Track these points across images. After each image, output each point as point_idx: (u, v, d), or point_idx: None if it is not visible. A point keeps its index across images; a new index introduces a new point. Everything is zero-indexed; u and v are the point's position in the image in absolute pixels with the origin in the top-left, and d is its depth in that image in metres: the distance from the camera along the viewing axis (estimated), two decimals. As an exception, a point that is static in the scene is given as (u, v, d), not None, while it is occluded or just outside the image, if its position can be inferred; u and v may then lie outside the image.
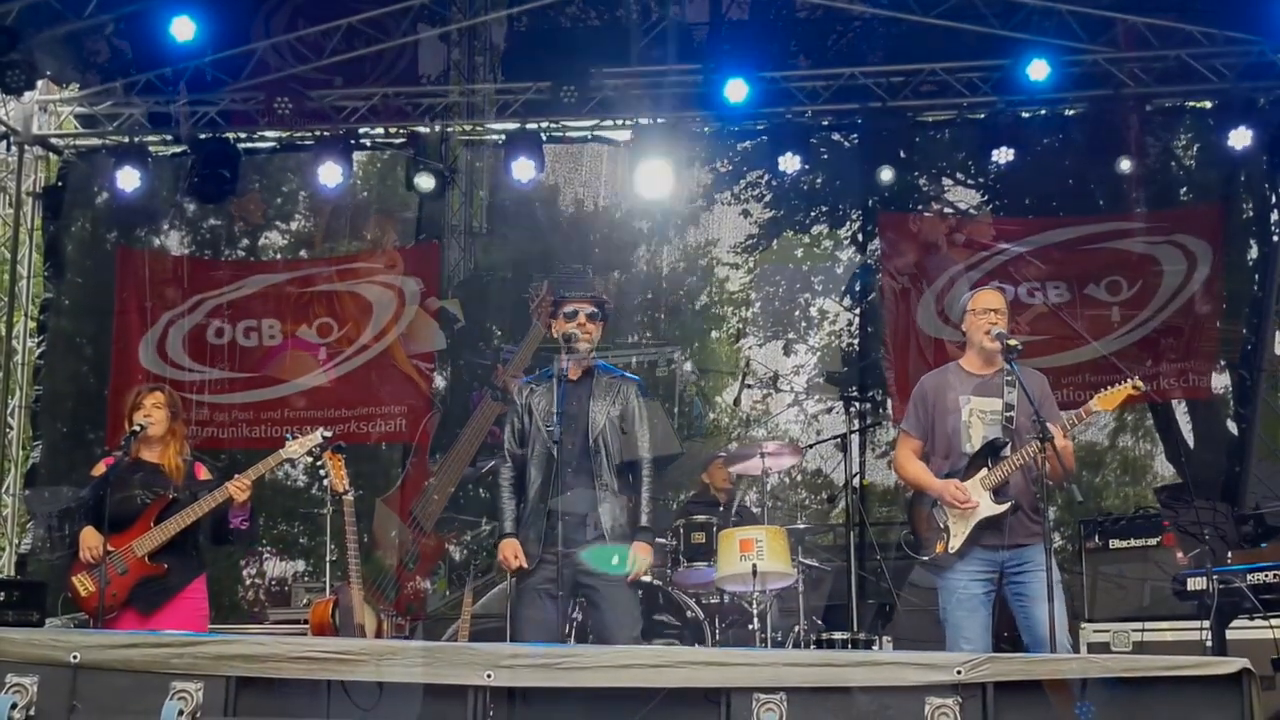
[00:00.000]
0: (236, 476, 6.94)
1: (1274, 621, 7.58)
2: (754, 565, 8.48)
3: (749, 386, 12.01)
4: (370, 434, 13.65)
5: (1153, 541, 9.76)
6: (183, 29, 11.55)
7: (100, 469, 7.12)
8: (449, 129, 12.94)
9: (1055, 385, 11.90)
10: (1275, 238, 14.62)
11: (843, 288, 15.62)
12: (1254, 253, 14.58)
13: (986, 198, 15.45)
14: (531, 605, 6.73)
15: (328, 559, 10.55)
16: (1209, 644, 7.46)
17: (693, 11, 12.59)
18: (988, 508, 6.64)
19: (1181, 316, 12.71)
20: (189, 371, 13.41)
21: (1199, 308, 12.75)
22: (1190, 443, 14.68)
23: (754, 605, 8.87)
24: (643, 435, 6.93)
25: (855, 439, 10.98)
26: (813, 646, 8.97)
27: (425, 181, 12.74)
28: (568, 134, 13.52)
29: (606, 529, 6.75)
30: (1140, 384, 6.83)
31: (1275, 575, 7.43)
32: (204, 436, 12.94)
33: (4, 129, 13.09)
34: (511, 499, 6.96)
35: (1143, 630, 9.34)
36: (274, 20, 12.31)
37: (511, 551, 6.78)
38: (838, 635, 9.25)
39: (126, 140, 13.11)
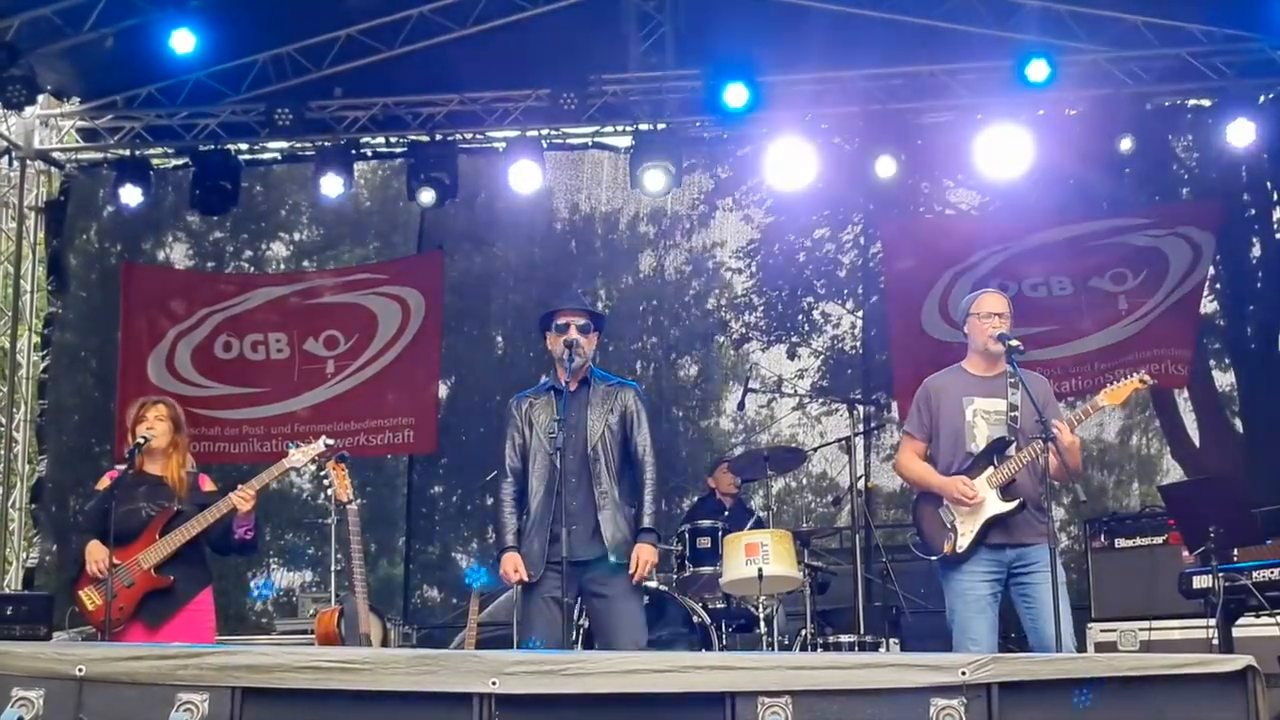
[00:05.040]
0: (240, 486, 6.94)
1: (1280, 618, 7.59)
2: (759, 569, 8.49)
3: (753, 390, 11.99)
4: (379, 446, 13.65)
5: (1159, 540, 9.76)
6: (182, 41, 11.57)
7: (105, 482, 7.13)
8: (449, 138, 12.94)
9: (1065, 375, 12.08)
10: (1279, 235, 14.62)
11: (845, 290, 15.64)
12: (1257, 250, 14.59)
13: (987, 199, 15.46)
14: (539, 614, 6.74)
15: (333, 569, 10.56)
16: (1215, 642, 7.46)
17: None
18: (995, 505, 6.65)
19: (1185, 303, 12.64)
20: (198, 387, 13.41)
21: (1197, 295, 12.74)
22: (1196, 440, 14.69)
23: (760, 609, 8.88)
24: (643, 438, 6.96)
25: (860, 441, 10.99)
26: (819, 649, 8.97)
27: (427, 196, 12.78)
28: (568, 141, 13.53)
29: (607, 537, 6.76)
30: (1147, 378, 6.85)
31: (1281, 572, 7.43)
32: (215, 452, 12.96)
33: (5, 144, 13.09)
34: (513, 514, 6.97)
35: (1149, 629, 9.34)
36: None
37: (512, 565, 6.82)
38: (844, 638, 9.26)
39: (128, 154, 13.12)
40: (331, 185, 12.71)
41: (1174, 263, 12.58)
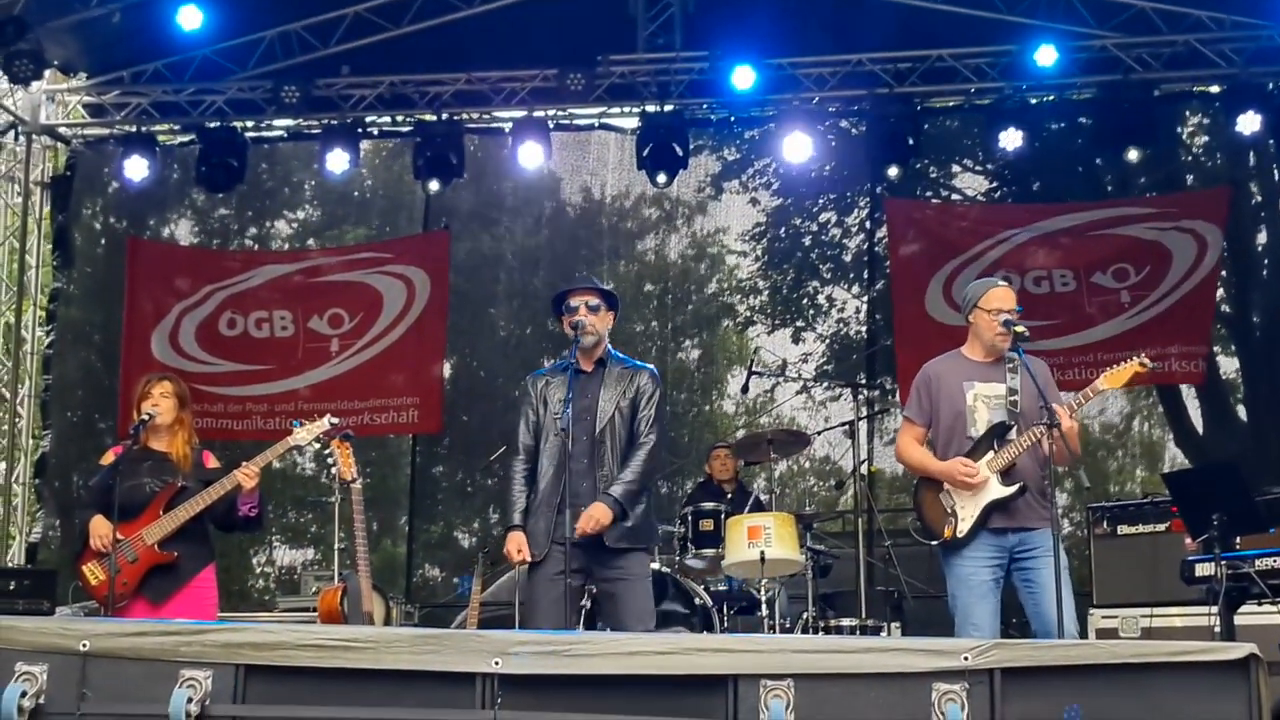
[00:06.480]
0: (245, 464, 6.93)
1: (1283, 607, 7.59)
2: (762, 552, 8.50)
3: (757, 374, 11.97)
4: (383, 425, 13.65)
5: (1161, 527, 9.75)
6: (189, 17, 11.57)
7: (109, 457, 7.13)
8: (456, 117, 12.91)
9: (1067, 365, 12.06)
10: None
11: (851, 275, 15.63)
12: (1263, 237, 14.58)
13: (994, 184, 15.47)
14: (544, 595, 6.70)
15: (336, 547, 10.58)
16: (1217, 629, 7.45)
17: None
18: (996, 490, 6.63)
19: (1192, 298, 12.60)
20: (203, 363, 13.42)
21: (1208, 290, 12.68)
22: (1200, 428, 14.70)
23: (762, 592, 8.89)
24: (648, 414, 6.85)
25: (863, 426, 10.98)
26: (821, 633, 8.98)
27: (434, 184, 12.88)
28: (575, 121, 13.51)
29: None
30: (1147, 361, 6.84)
31: (1284, 560, 7.43)
32: (218, 428, 12.96)
33: (12, 119, 13.08)
34: (523, 491, 6.88)
35: (1151, 616, 9.34)
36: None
37: (515, 545, 6.73)
38: (846, 622, 9.26)
39: (134, 129, 13.10)
40: (337, 163, 12.71)
41: (1177, 258, 12.52)
